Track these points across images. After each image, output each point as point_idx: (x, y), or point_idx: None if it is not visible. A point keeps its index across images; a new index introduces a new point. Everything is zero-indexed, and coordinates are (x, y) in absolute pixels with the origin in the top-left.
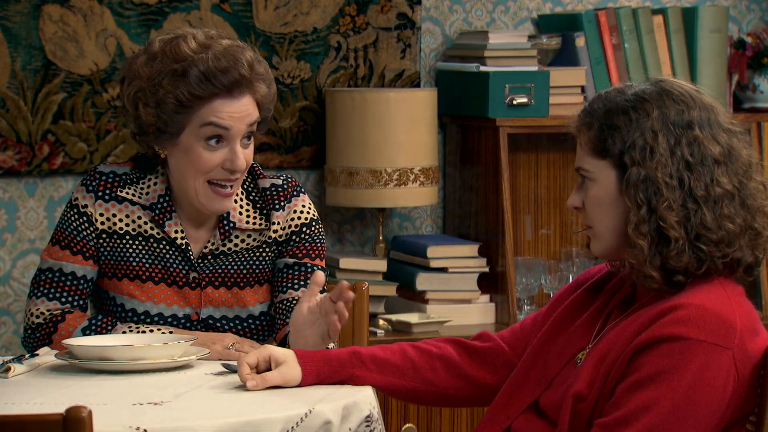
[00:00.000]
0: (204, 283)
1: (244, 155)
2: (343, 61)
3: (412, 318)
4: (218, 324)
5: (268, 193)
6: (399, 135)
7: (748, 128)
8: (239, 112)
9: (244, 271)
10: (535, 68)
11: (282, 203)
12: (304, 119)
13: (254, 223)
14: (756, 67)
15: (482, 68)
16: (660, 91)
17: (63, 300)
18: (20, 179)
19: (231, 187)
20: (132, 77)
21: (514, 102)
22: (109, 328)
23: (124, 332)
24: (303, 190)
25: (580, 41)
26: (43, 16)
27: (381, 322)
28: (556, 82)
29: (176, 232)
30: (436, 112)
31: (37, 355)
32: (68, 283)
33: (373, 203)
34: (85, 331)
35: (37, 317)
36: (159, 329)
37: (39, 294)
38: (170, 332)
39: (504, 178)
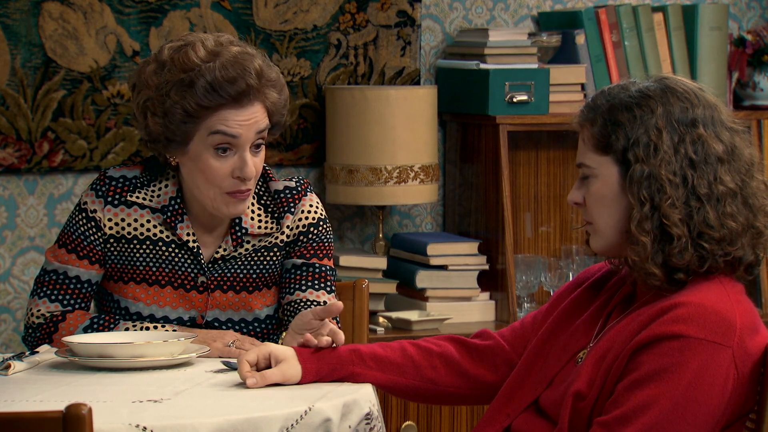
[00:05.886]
0: (212, 286)
1: (254, 163)
2: (343, 59)
3: (411, 316)
4: (223, 327)
5: (282, 195)
6: (399, 132)
7: (748, 126)
8: (247, 120)
9: (254, 275)
10: (535, 66)
11: (295, 205)
12: (304, 117)
13: (265, 227)
14: (756, 65)
15: (482, 66)
16: (664, 88)
17: (65, 303)
18: (20, 177)
19: (246, 191)
20: (141, 86)
21: (514, 99)
22: (111, 327)
23: (127, 329)
24: (311, 189)
25: (580, 39)
26: (43, 13)
27: (381, 319)
28: (556, 79)
29: (188, 235)
30: (436, 109)
31: (38, 352)
32: (71, 286)
33: (373, 201)
34: (87, 330)
35: (38, 317)
36: (162, 326)
37: (41, 294)
38: (173, 330)
39: (504, 175)
